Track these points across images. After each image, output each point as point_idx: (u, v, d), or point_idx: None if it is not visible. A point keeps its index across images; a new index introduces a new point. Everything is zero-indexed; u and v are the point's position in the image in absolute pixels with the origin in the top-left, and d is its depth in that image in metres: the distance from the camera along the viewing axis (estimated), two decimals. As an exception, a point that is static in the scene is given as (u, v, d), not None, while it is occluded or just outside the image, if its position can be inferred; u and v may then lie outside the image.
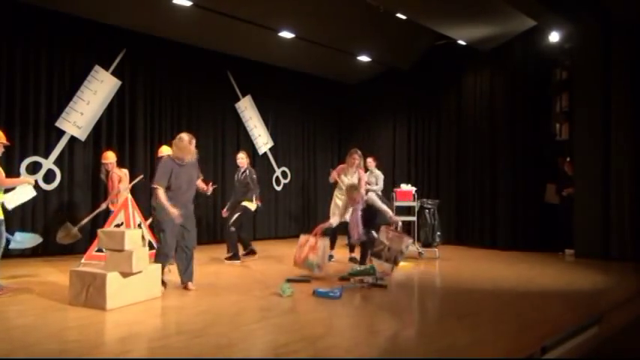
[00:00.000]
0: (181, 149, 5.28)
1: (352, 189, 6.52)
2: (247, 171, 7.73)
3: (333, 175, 7.68)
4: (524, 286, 5.86)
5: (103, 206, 7.39)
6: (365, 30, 9.30)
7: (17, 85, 7.47)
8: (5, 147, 5.30)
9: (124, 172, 7.44)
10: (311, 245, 6.10)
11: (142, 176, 7.47)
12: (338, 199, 7.56)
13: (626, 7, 7.89)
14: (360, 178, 7.51)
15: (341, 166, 7.79)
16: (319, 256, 6.02)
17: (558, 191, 8.69)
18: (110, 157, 7.38)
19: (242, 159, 7.81)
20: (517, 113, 9.33)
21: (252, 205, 7.67)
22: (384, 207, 6.47)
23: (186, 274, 5.38)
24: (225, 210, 7.75)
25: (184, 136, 5.33)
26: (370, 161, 8.99)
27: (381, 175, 8.83)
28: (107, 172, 7.38)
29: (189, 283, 5.37)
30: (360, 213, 6.37)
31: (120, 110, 8.54)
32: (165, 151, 7.03)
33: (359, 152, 7.60)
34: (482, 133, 9.84)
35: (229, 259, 7.38)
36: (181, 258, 5.38)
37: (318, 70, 11.27)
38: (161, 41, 8.86)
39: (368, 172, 8.98)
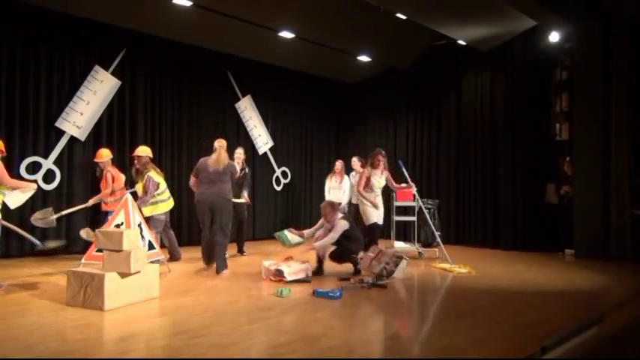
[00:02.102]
0: None
1: (326, 205, 6.39)
2: (246, 169, 7.93)
3: (360, 187, 6.99)
4: (524, 286, 5.86)
5: (90, 203, 7.24)
6: (365, 30, 9.30)
7: (17, 85, 7.46)
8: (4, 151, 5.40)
9: (118, 172, 7.41)
10: (277, 277, 5.71)
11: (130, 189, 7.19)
12: (366, 204, 6.96)
13: (626, 7, 7.89)
14: (387, 179, 7.21)
15: (363, 171, 7.14)
16: (295, 271, 5.74)
17: (557, 191, 8.69)
18: (104, 155, 7.39)
19: (241, 155, 7.90)
20: (517, 113, 9.33)
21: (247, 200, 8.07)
22: (335, 235, 6.15)
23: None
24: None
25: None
26: (355, 161, 8.98)
27: None
28: (101, 171, 7.40)
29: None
30: (332, 233, 6.12)
31: (120, 110, 8.53)
32: (141, 151, 7.09)
33: (383, 152, 7.17)
34: (483, 132, 9.84)
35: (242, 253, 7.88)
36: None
37: (318, 70, 11.27)
38: (161, 41, 8.86)
39: (353, 173, 9.07)
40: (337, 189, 9.06)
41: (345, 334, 3.87)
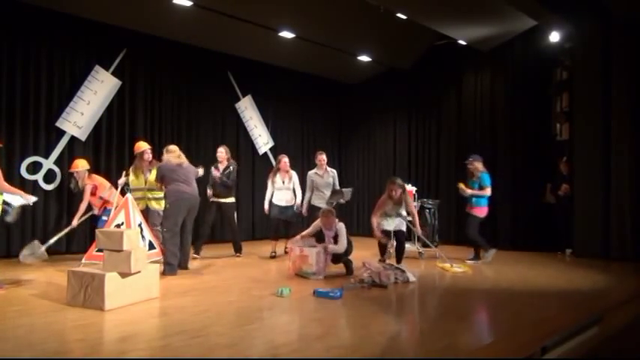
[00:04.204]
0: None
1: (328, 213, 6.29)
2: (231, 167, 7.65)
3: (375, 225, 6.75)
4: (524, 285, 5.86)
5: (74, 224, 7.02)
6: (365, 30, 9.31)
7: (17, 85, 7.48)
8: (4, 147, 5.35)
9: (100, 181, 7.11)
10: (300, 255, 6.06)
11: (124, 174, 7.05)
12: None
13: (626, 7, 7.89)
14: (409, 210, 6.95)
15: (380, 201, 6.85)
16: (312, 264, 5.94)
17: (553, 191, 8.68)
18: (80, 164, 7.08)
19: (222, 153, 7.64)
20: (517, 113, 9.33)
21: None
22: (345, 241, 6.22)
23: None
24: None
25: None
26: (323, 158, 8.07)
27: (336, 174, 8.25)
28: (76, 183, 7.08)
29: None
30: (342, 239, 6.16)
31: (120, 110, 8.54)
32: (143, 146, 7.06)
33: (397, 181, 6.75)
34: (483, 133, 9.84)
35: (240, 253, 7.76)
36: None
37: (318, 70, 11.28)
38: (161, 41, 8.87)
39: (315, 170, 8.11)
40: (285, 190, 7.97)
41: (346, 334, 3.87)
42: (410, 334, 4.09)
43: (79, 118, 7.96)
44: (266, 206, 8.05)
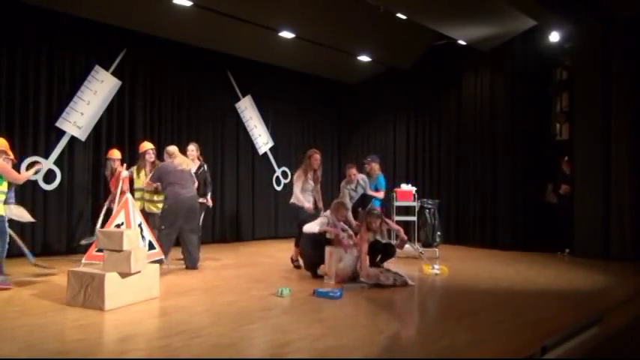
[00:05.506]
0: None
1: (343, 205, 6.27)
2: (204, 167, 7.34)
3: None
4: (524, 285, 5.86)
5: (113, 206, 7.15)
6: (365, 30, 9.31)
7: (17, 85, 7.47)
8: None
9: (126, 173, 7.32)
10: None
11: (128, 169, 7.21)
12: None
13: (626, 7, 7.89)
14: (392, 230, 6.58)
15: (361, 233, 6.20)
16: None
17: (554, 190, 8.69)
18: (117, 154, 7.46)
19: (193, 151, 7.20)
20: (517, 113, 9.33)
21: (208, 202, 7.47)
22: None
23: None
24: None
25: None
26: (354, 173, 7.41)
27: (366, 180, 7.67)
28: (112, 170, 7.39)
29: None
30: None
31: (120, 110, 8.54)
32: (146, 146, 7.12)
33: (374, 213, 6.24)
34: (482, 132, 9.84)
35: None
36: None
37: (318, 70, 11.28)
38: (161, 41, 8.86)
39: (347, 184, 7.44)
40: (310, 191, 7.06)
41: (346, 334, 3.87)
42: (410, 334, 4.09)
43: (79, 118, 7.96)
44: (307, 205, 6.86)
